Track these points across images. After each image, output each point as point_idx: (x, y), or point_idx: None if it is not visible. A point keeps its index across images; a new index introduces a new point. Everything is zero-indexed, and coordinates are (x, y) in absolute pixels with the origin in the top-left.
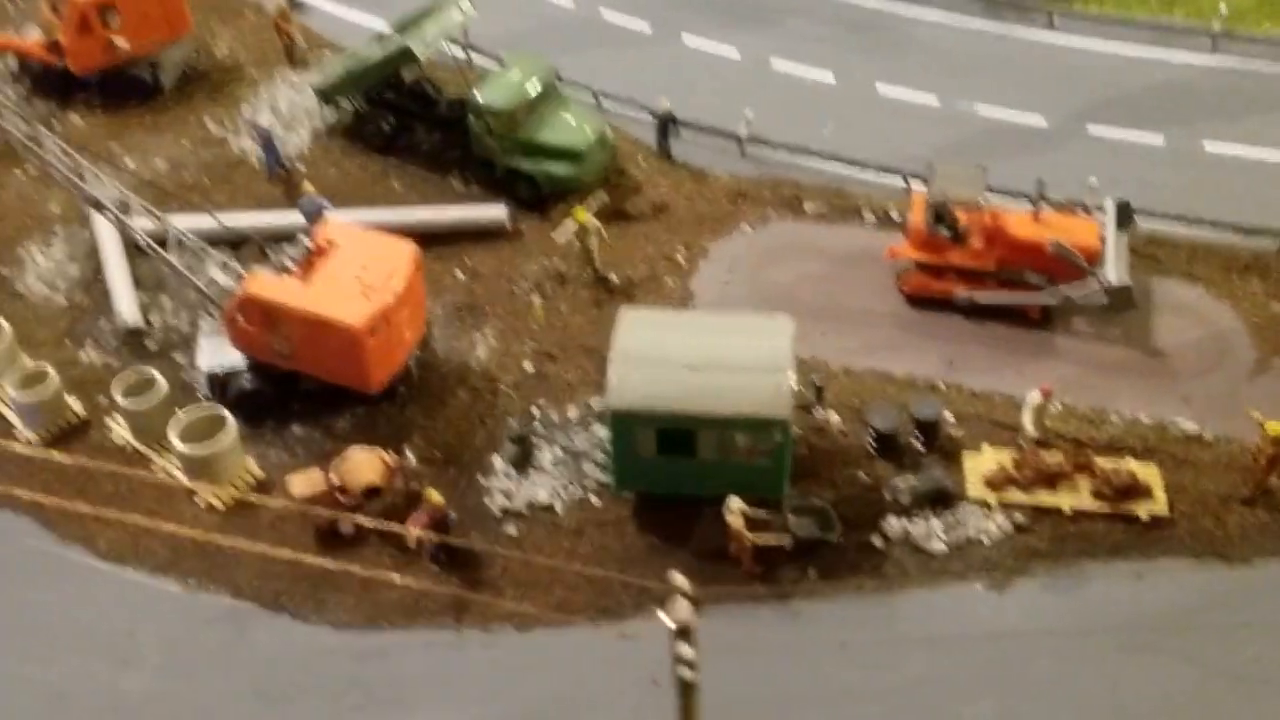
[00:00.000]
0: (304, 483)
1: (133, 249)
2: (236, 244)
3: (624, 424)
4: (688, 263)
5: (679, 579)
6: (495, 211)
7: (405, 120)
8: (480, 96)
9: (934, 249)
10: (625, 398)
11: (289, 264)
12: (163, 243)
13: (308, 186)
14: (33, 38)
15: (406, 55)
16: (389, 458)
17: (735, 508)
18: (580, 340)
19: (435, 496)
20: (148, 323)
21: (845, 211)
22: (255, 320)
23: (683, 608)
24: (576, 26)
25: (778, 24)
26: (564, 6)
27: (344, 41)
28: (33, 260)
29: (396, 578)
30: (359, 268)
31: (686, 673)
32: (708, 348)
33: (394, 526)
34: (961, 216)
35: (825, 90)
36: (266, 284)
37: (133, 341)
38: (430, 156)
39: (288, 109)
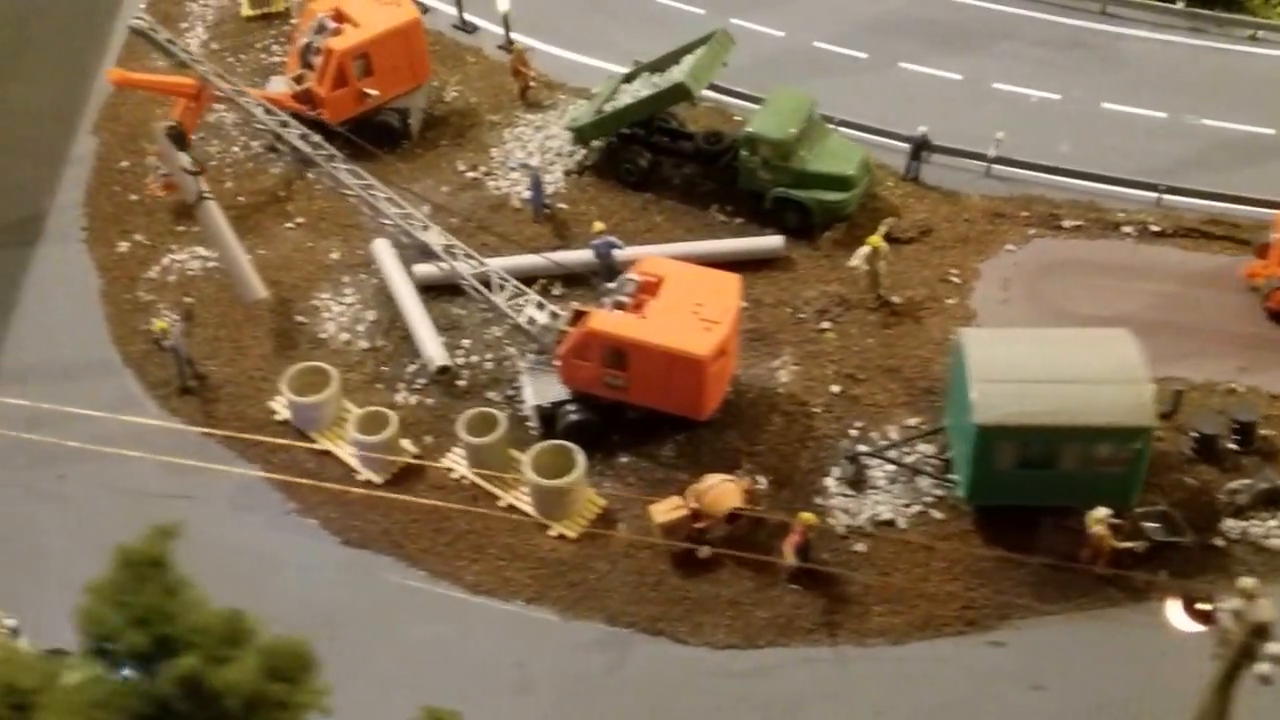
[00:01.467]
0: (666, 510)
1: (423, 290)
2: (527, 282)
3: (987, 439)
4: (963, 282)
5: (1247, 582)
6: (773, 241)
7: (656, 155)
8: (755, 129)
9: None
10: (991, 414)
11: (624, 299)
12: (485, 284)
13: (599, 225)
14: (274, 89)
15: (681, 92)
16: (747, 482)
17: (1101, 516)
18: (878, 362)
19: (809, 517)
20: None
21: (1104, 226)
22: (593, 355)
23: (1266, 607)
24: (791, 56)
25: (988, 47)
26: (775, 36)
27: (569, 81)
28: (328, 308)
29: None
30: (692, 300)
31: (1265, 667)
32: (1061, 362)
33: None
34: None
35: (1052, 108)
36: (608, 320)
37: (443, 381)
38: (684, 190)
39: (538, 149)
